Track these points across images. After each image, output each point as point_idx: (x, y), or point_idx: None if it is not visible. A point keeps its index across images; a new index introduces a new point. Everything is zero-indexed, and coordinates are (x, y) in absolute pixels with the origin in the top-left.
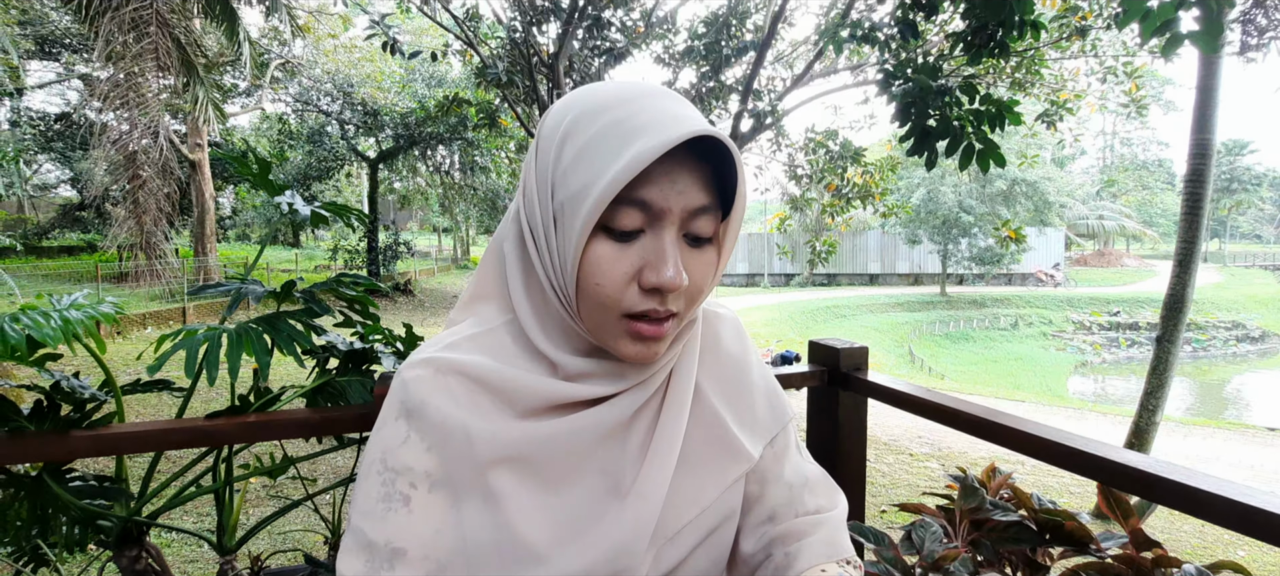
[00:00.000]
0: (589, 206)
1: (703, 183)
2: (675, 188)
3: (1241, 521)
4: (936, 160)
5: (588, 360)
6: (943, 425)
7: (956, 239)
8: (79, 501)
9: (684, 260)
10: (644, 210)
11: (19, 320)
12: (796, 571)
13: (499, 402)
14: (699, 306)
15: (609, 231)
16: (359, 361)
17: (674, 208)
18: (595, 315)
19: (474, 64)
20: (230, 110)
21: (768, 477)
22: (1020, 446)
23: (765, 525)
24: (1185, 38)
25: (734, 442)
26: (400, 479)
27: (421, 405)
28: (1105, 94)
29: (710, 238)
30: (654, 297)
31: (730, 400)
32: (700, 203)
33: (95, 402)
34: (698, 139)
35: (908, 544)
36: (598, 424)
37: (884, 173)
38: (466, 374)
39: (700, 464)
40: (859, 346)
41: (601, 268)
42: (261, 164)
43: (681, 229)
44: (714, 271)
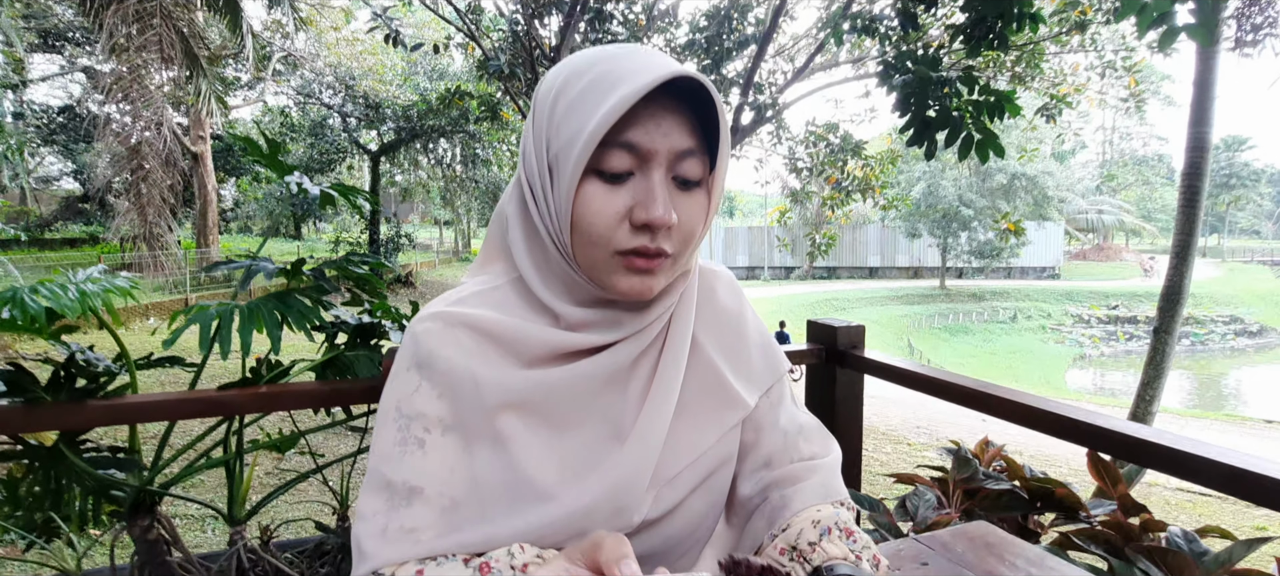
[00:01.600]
0: (579, 150)
1: (688, 127)
2: (660, 130)
3: (1229, 482)
4: (936, 150)
5: (589, 310)
6: (938, 398)
7: (956, 232)
8: (94, 471)
9: (674, 202)
10: (632, 152)
11: (38, 292)
12: (792, 511)
13: (505, 352)
14: (693, 251)
15: (600, 174)
16: (367, 336)
17: (660, 149)
18: (590, 254)
19: (476, 56)
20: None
21: (763, 425)
22: (1013, 416)
23: (762, 470)
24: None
25: (730, 391)
26: (414, 424)
27: (431, 356)
28: (1104, 89)
29: (698, 181)
30: (644, 235)
31: (726, 352)
32: (685, 145)
33: (109, 375)
34: (683, 90)
35: (902, 511)
36: (599, 371)
37: (884, 166)
38: (474, 326)
39: (698, 411)
40: (856, 325)
41: (593, 207)
42: (271, 144)
43: (670, 171)
44: (705, 215)
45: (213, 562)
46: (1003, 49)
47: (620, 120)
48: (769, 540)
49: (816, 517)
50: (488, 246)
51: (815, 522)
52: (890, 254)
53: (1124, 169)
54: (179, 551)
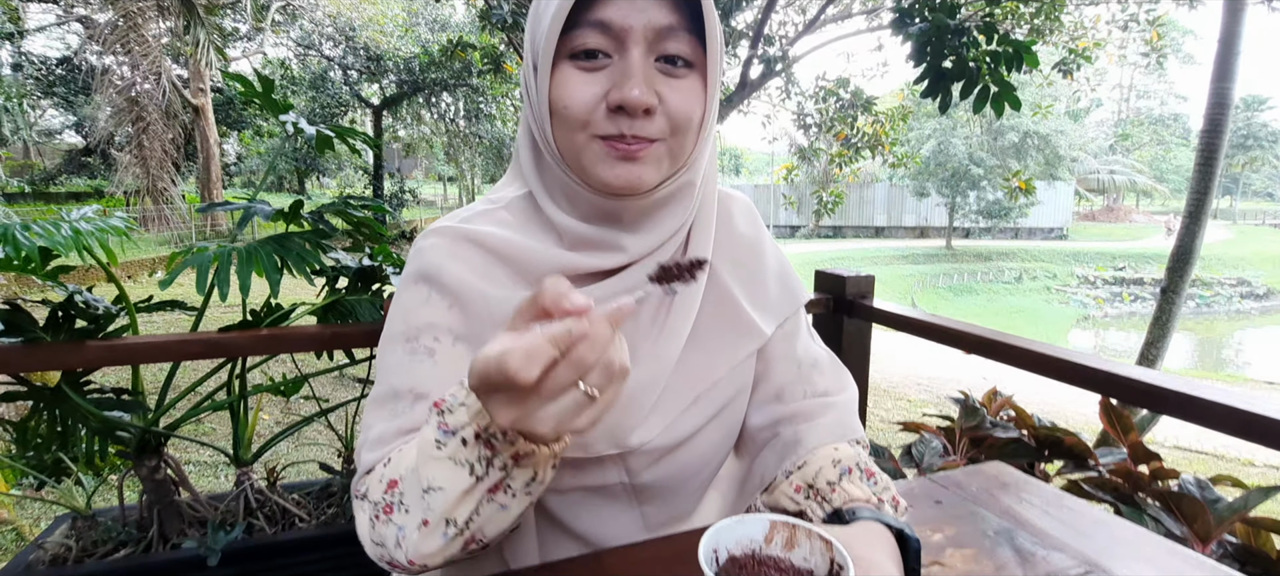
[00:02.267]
0: (545, 30)
1: (669, 5)
2: (634, 5)
3: (1243, 428)
4: (951, 102)
5: (591, 227)
6: (947, 347)
7: (965, 192)
8: (98, 411)
9: (660, 86)
10: (605, 32)
11: (31, 228)
12: (807, 448)
13: (512, 272)
14: (694, 146)
15: (575, 57)
16: (368, 280)
17: (635, 25)
18: (571, 143)
19: (478, 7)
20: (232, 54)
21: (775, 355)
22: (1023, 363)
23: (773, 403)
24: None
25: (746, 320)
26: (424, 335)
27: (438, 269)
28: (1125, 43)
29: (690, 62)
30: (621, 119)
31: (743, 280)
32: (665, 20)
33: (109, 316)
34: None
35: (907, 458)
36: (608, 295)
37: (895, 122)
38: (481, 243)
39: (713, 339)
40: (865, 275)
41: (567, 90)
42: (265, 82)
43: (653, 51)
44: (701, 101)
45: (220, 501)
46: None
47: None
48: (783, 477)
49: (836, 457)
50: (510, 169)
51: (835, 462)
52: (897, 213)
53: (1139, 128)
54: (186, 491)
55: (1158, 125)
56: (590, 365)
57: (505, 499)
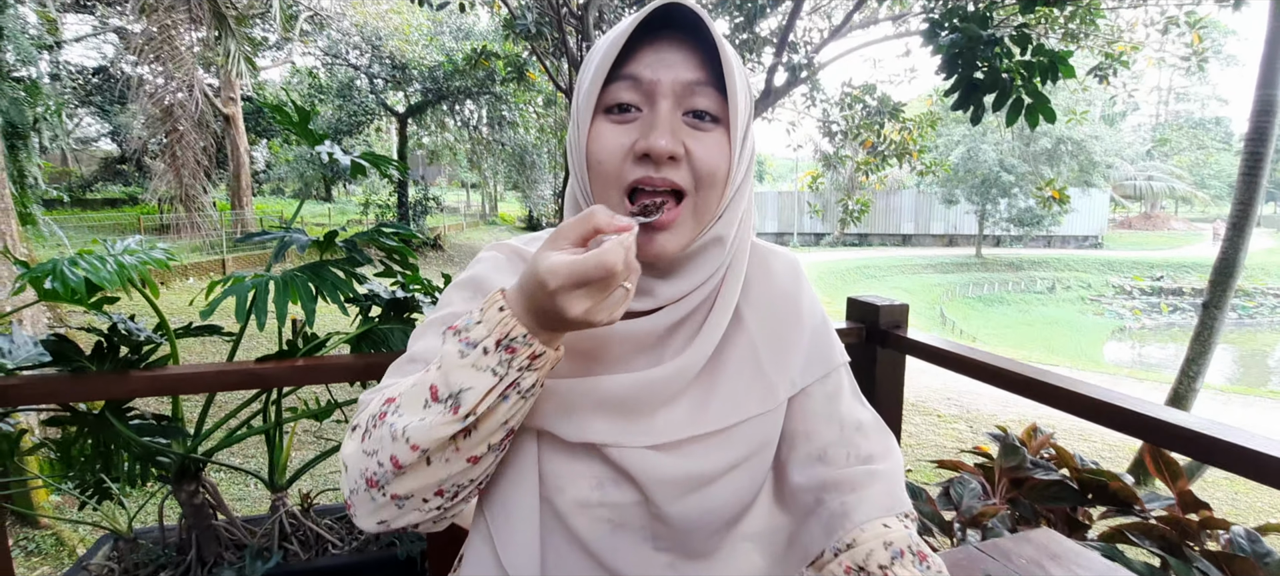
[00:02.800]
0: (587, 87)
1: (694, 61)
2: (662, 62)
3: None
4: (983, 114)
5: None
6: (986, 384)
7: (995, 199)
8: (139, 437)
9: (687, 138)
10: (636, 86)
11: (77, 264)
12: (855, 524)
13: None
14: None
15: (609, 111)
16: (400, 310)
17: (663, 80)
18: (605, 194)
19: (502, 15)
20: (261, 63)
21: (817, 414)
22: (1066, 405)
23: (816, 464)
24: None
25: (763, 378)
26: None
27: (487, 278)
28: (1164, 46)
29: (716, 117)
30: (648, 165)
31: (769, 337)
32: (691, 76)
33: (151, 344)
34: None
35: (945, 499)
36: (634, 333)
37: (923, 129)
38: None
39: (734, 384)
40: (899, 304)
41: (601, 142)
42: (301, 113)
43: (680, 105)
44: (726, 155)
45: (257, 526)
46: (1060, 5)
47: (627, 57)
48: (831, 554)
49: (888, 538)
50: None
51: (887, 543)
52: (925, 221)
53: (1178, 132)
54: (223, 514)
55: (1198, 129)
56: (635, 268)
57: (514, 399)
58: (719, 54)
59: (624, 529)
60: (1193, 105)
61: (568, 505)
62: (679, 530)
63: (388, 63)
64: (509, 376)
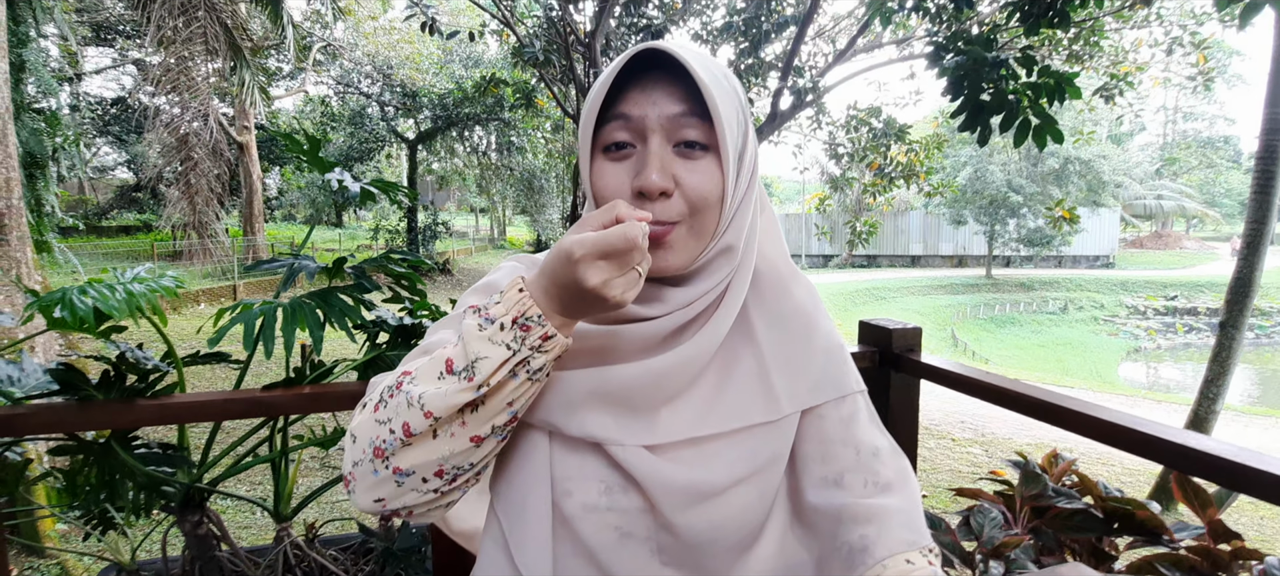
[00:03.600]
0: (582, 130)
1: (677, 95)
2: (648, 99)
3: None
4: (989, 136)
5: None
6: (1003, 408)
7: (1004, 219)
8: (144, 467)
9: (678, 169)
10: (628, 124)
11: (86, 293)
12: (876, 559)
13: None
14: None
15: (607, 150)
16: (408, 336)
17: (650, 115)
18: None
19: (511, 44)
20: (274, 93)
21: (832, 438)
22: (1083, 429)
23: (833, 488)
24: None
25: (769, 390)
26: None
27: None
28: (1169, 67)
29: (706, 145)
30: (646, 203)
31: (780, 350)
32: (676, 109)
33: (158, 373)
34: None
35: (965, 529)
36: (637, 336)
37: (929, 150)
38: None
39: (733, 394)
40: (912, 327)
41: (604, 180)
42: (312, 141)
43: (670, 138)
44: (718, 178)
45: (260, 557)
46: (1063, 26)
47: (618, 97)
48: None
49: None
50: None
51: None
52: (933, 242)
53: (1187, 151)
54: (227, 545)
55: (1207, 148)
56: (647, 257)
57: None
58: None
59: (631, 538)
60: (1201, 124)
61: (576, 509)
62: (687, 545)
63: (398, 91)
64: (521, 353)
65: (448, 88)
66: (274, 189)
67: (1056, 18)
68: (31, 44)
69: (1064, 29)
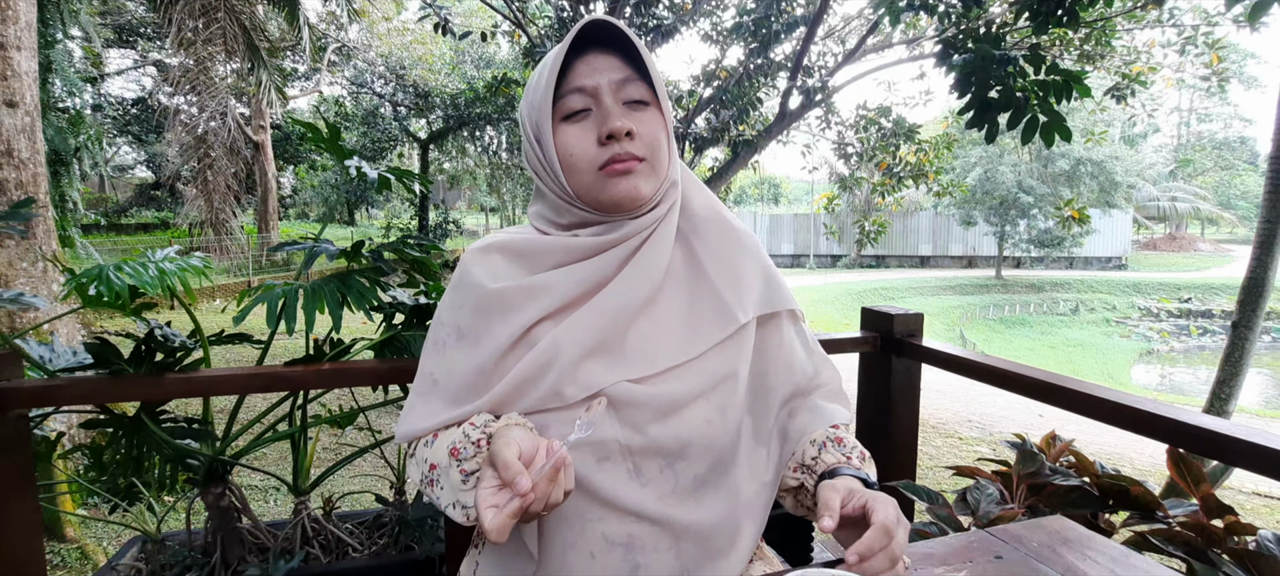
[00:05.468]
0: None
1: (620, 61)
2: (596, 68)
3: None
4: (996, 133)
5: (585, 211)
6: (1001, 390)
7: (1015, 220)
8: (172, 440)
9: (630, 119)
10: (582, 93)
11: (122, 270)
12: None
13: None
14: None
15: (567, 119)
16: (423, 316)
17: (601, 82)
18: (581, 181)
19: (522, 44)
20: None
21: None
22: (1085, 409)
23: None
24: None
25: (724, 309)
26: (443, 331)
27: (464, 278)
28: (1182, 67)
29: (647, 102)
30: (613, 144)
31: (727, 275)
32: (621, 74)
33: (185, 350)
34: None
35: (962, 504)
36: (591, 274)
37: (939, 150)
38: (505, 248)
39: (692, 319)
40: (914, 313)
41: (570, 143)
42: (332, 129)
43: (618, 98)
44: (663, 128)
45: (279, 530)
46: (1073, 26)
47: (568, 74)
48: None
49: (814, 437)
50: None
51: (813, 441)
52: (943, 242)
53: (1201, 153)
54: (248, 518)
55: (1222, 149)
56: (536, 514)
57: None
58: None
59: (608, 461)
60: (1216, 126)
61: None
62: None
63: (411, 91)
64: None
65: (459, 88)
66: (288, 188)
67: (1065, 17)
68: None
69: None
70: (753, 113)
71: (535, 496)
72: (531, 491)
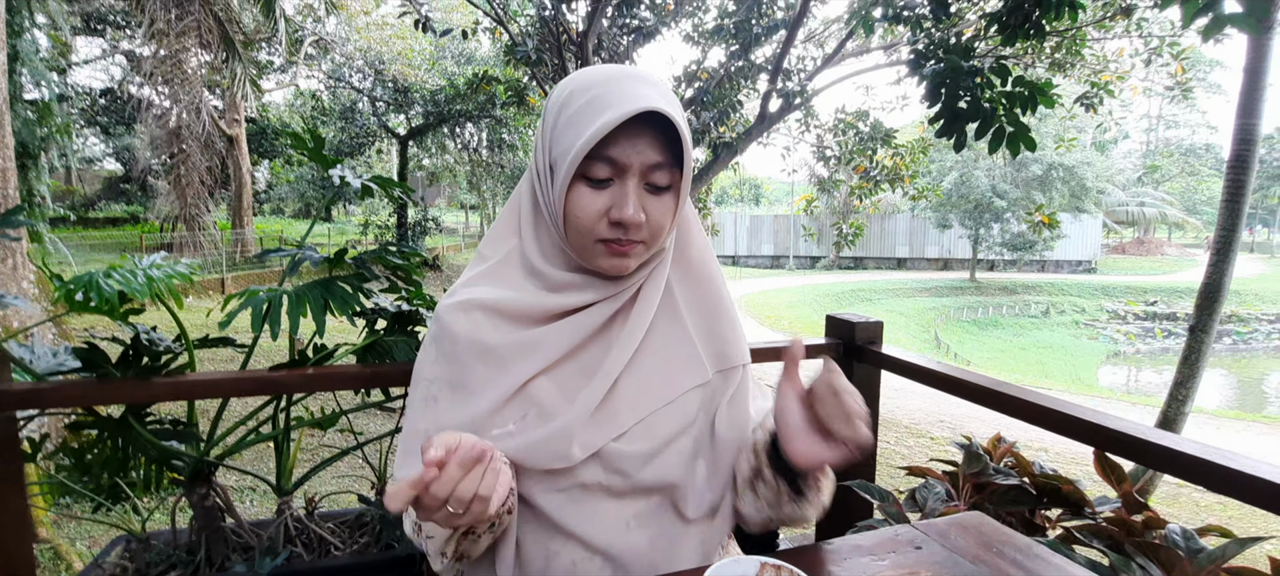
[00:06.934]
0: (569, 161)
1: (657, 145)
2: (634, 148)
3: (1225, 484)
4: (965, 142)
5: (570, 273)
6: (950, 394)
7: (988, 224)
8: (157, 442)
9: (645, 204)
10: (611, 165)
11: (111, 276)
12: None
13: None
14: (664, 239)
15: (587, 179)
16: (405, 322)
17: (634, 163)
18: (578, 241)
19: (503, 42)
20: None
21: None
22: (1021, 413)
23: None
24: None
25: (696, 359)
26: (432, 386)
27: (446, 332)
28: (1149, 76)
29: (668, 186)
30: (619, 229)
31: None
32: (655, 159)
33: (171, 354)
34: (657, 114)
35: (911, 502)
36: (578, 330)
37: (915, 155)
38: (483, 305)
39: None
40: (874, 321)
41: (581, 205)
42: (315, 138)
43: (642, 179)
44: (672, 213)
45: (263, 529)
46: (1040, 38)
47: (603, 139)
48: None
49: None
50: (499, 224)
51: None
52: (919, 245)
53: (1169, 159)
54: (232, 517)
55: (1188, 155)
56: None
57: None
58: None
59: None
60: (1183, 132)
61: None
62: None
63: (390, 86)
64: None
65: (440, 84)
66: (263, 182)
67: (1033, 30)
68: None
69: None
70: (733, 114)
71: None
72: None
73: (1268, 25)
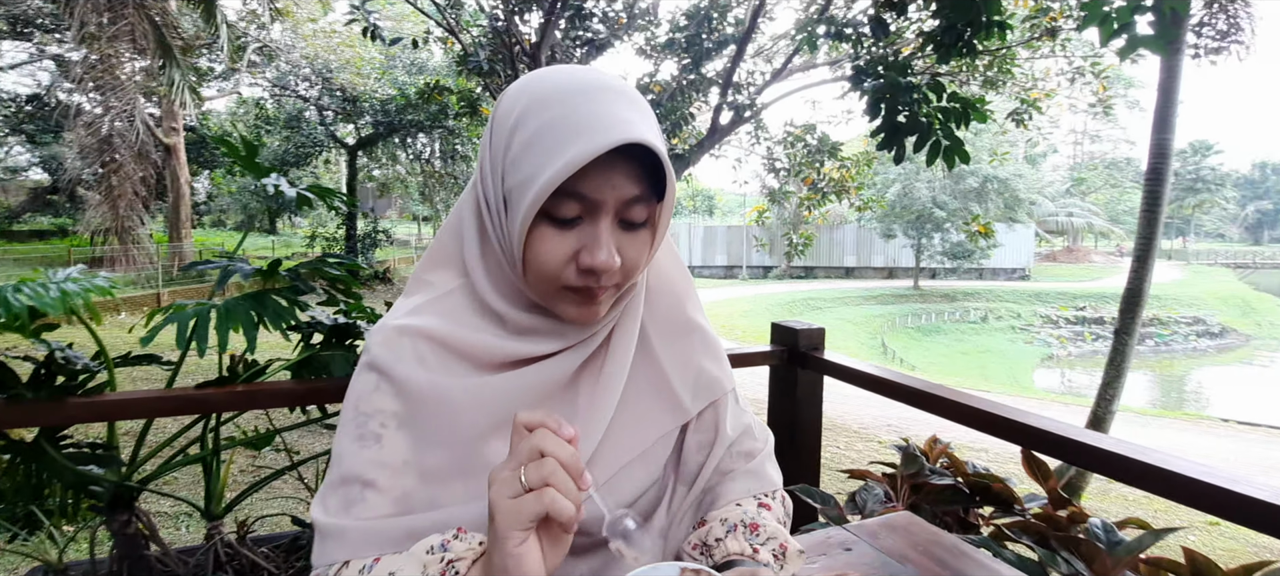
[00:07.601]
0: (530, 199)
1: (635, 175)
2: (609, 182)
3: (1140, 479)
4: (904, 155)
5: (533, 316)
6: (888, 398)
7: (930, 233)
8: (73, 466)
9: (619, 242)
10: (581, 201)
11: (21, 290)
12: (715, 508)
13: (459, 359)
14: (638, 276)
15: (551, 218)
16: (342, 336)
17: (608, 199)
18: (540, 287)
19: (455, 52)
20: (206, 94)
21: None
22: (953, 415)
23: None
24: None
25: (674, 400)
26: (372, 420)
27: (388, 361)
28: (1074, 94)
29: (644, 222)
30: (590, 276)
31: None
32: (632, 193)
33: (88, 373)
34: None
35: (851, 504)
36: (544, 380)
37: (860, 167)
38: (430, 336)
39: (645, 406)
40: (816, 328)
41: (544, 248)
42: (248, 146)
43: (617, 216)
44: (648, 251)
45: (190, 556)
46: (971, 56)
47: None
48: (688, 540)
49: (726, 515)
50: (439, 251)
51: (724, 520)
52: (866, 254)
53: (1093, 172)
54: (157, 545)
55: (1111, 168)
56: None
57: None
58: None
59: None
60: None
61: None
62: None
63: (338, 95)
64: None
65: (390, 93)
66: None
67: (965, 48)
68: None
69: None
70: (686, 126)
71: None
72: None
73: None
